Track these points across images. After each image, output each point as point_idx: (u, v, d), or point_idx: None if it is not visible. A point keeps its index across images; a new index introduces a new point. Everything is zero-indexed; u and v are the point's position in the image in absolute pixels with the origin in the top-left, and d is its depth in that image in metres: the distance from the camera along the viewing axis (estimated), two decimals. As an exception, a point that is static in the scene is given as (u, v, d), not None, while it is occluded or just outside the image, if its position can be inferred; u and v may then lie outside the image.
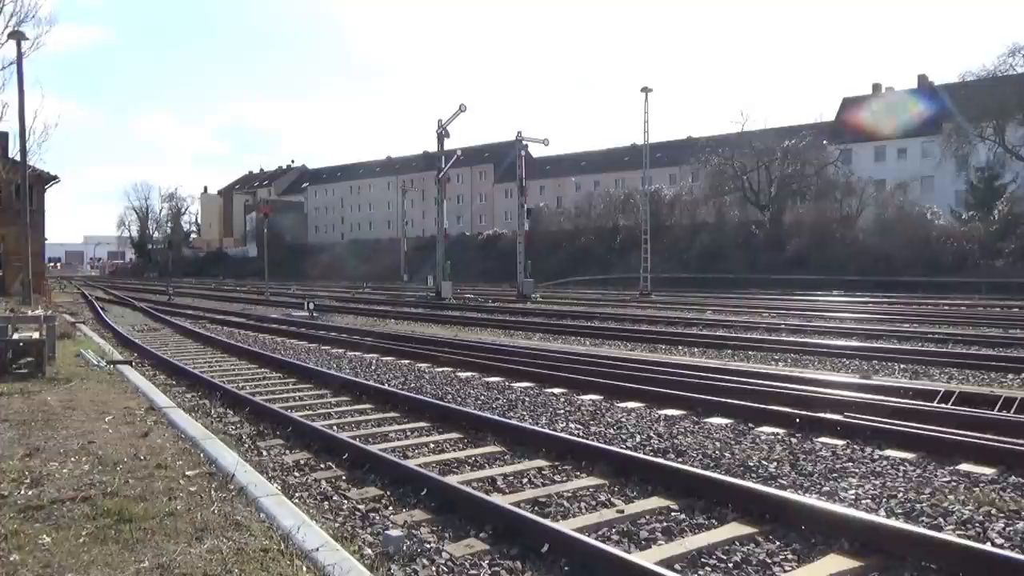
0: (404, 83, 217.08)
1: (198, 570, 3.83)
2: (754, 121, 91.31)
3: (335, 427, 8.03)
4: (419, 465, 6.33)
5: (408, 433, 7.89)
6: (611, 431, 7.83)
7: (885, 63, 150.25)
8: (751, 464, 6.43)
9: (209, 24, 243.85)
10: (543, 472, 6.27)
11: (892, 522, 4.75)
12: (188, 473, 5.61)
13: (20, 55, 23.53)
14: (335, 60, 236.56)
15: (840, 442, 7.07)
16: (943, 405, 8.37)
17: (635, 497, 5.56)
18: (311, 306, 26.41)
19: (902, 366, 12.21)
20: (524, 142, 41.23)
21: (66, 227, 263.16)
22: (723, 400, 8.75)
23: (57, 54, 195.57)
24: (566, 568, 4.26)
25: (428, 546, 4.60)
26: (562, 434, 7.37)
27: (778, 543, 4.62)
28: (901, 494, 5.52)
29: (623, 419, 8.38)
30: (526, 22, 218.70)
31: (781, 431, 7.60)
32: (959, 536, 4.56)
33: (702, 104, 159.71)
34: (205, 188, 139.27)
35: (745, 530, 4.79)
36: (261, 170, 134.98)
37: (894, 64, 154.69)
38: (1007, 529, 4.79)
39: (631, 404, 9.17)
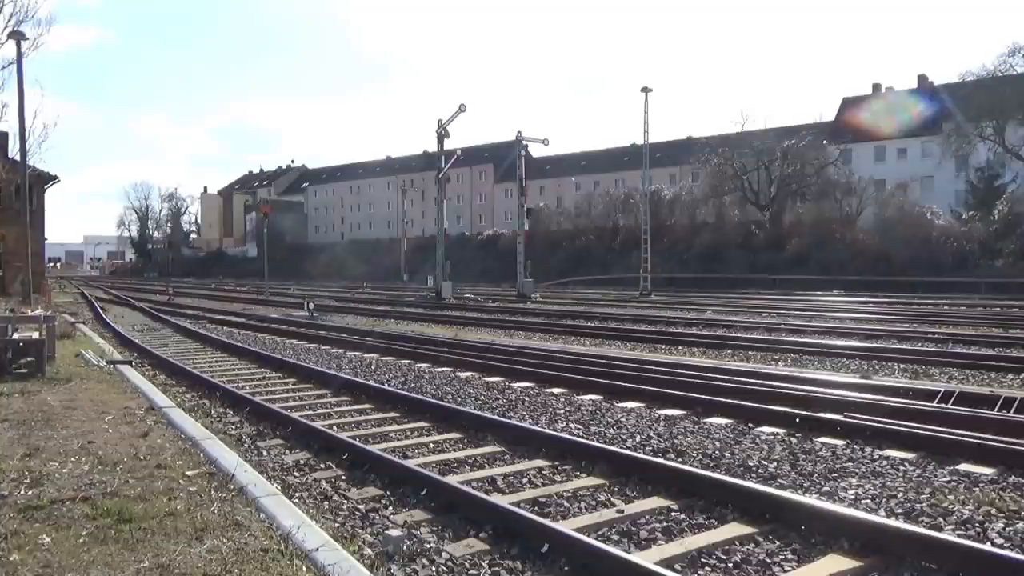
0: (404, 83, 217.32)
1: (198, 570, 3.83)
2: (754, 121, 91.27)
3: (335, 427, 8.03)
4: (419, 465, 6.33)
5: (408, 433, 7.89)
6: (611, 431, 7.83)
7: (885, 63, 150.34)
8: (751, 464, 6.43)
9: (209, 24, 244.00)
10: (543, 472, 6.27)
11: (892, 522, 4.75)
12: (188, 473, 5.61)
13: (20, 55, 23.45)
14: (335, 60, 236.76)
15: (840, 442, 7.07)
16: (943, 405, 8.36)
17: (635, 497, 5.56)
18: (311, 306, 26.43)
19: (902, 366, 12.20)
20: (524, 142, 41.24)
21: (66, 227, 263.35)
22: (723, 400, 8.75)
23: (57, 54, 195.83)
24: (566, 568, 4.26)
25: (428, 546, 4.60)
26: (562, 434, 7.37)
27: (778, 543, 4.62)
28: (901, 494, 5.52)
29: (623, 419, 8.38)
30: (526, 22, 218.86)
31: (781, 431, 7.60)
32: (959, 536, 4.56)
33: (702, 104, 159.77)
34: (205, 188, 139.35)
35: (745, 530, 4.79)
36: (261, 170, 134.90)
37: (894, 64, 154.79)
38: (1007, 529, 4.79)
39: (631, 404, 9.17)
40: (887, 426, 7.32)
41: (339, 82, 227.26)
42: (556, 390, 10.26)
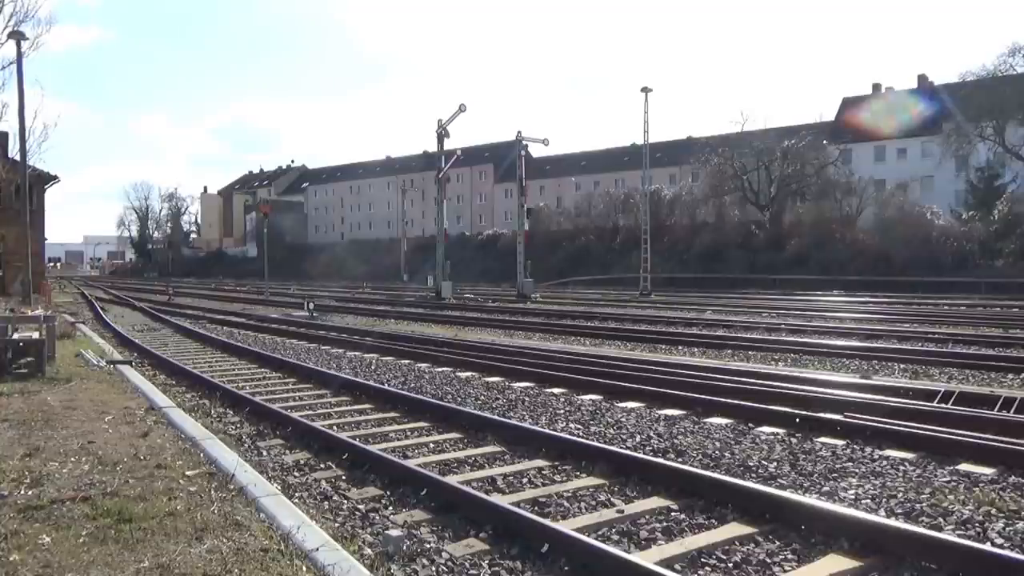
0: (404, 83, 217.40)
1: (198, 570, 3.83)
2: (754, 121, 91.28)
3: (335, 427, 8.03)
4: (419, 465, 6.33)
5: (408, 433, 7.89)
6: (611, 431, 7.83)
7: (885, 63, 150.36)
8: (751, 464, 6.43)
9: (209, 24, 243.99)
10: (543, 472, 6.27)
11: (892, 522, 4.75)
12: (188, 473, 5.61)
13: (20, 55, 23.45)
14: (335, 60, 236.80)
15: (840, 442, 7.07)
16: (943, 405, 8.36)
17: (635, 497, 5.56)
18: (311, 306, 26.43)
19: (902, 366, 12.20)
20: (524, 142, 41.23)
21: (66, 227, 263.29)
22: (723, 400, 8.75)
23: (57, 54, 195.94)
24: (566, 568, 4.26)
25: (428, 546, 4.60)
26: (562, 434, 7.37)
27: (778, 543, 4.62)
28: (901, 494, 5.52)
29: (623, 419, 8.38)
30: (526, 22, 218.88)
31: (781, 431, 7.60)
32: (959, 536, 4.56)
33: (702, 104, 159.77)
34: (205, 188, 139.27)
35: (745, 530, 4.79)
36: (261, 170, 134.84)
37: (894, 64, 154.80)
38: (1007, 529, 4.79)
39: (631, 404, 9.17)
40: (887, 426, 7.32)
41: (339, 82, 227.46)
42: (556, 390, 10.26)
